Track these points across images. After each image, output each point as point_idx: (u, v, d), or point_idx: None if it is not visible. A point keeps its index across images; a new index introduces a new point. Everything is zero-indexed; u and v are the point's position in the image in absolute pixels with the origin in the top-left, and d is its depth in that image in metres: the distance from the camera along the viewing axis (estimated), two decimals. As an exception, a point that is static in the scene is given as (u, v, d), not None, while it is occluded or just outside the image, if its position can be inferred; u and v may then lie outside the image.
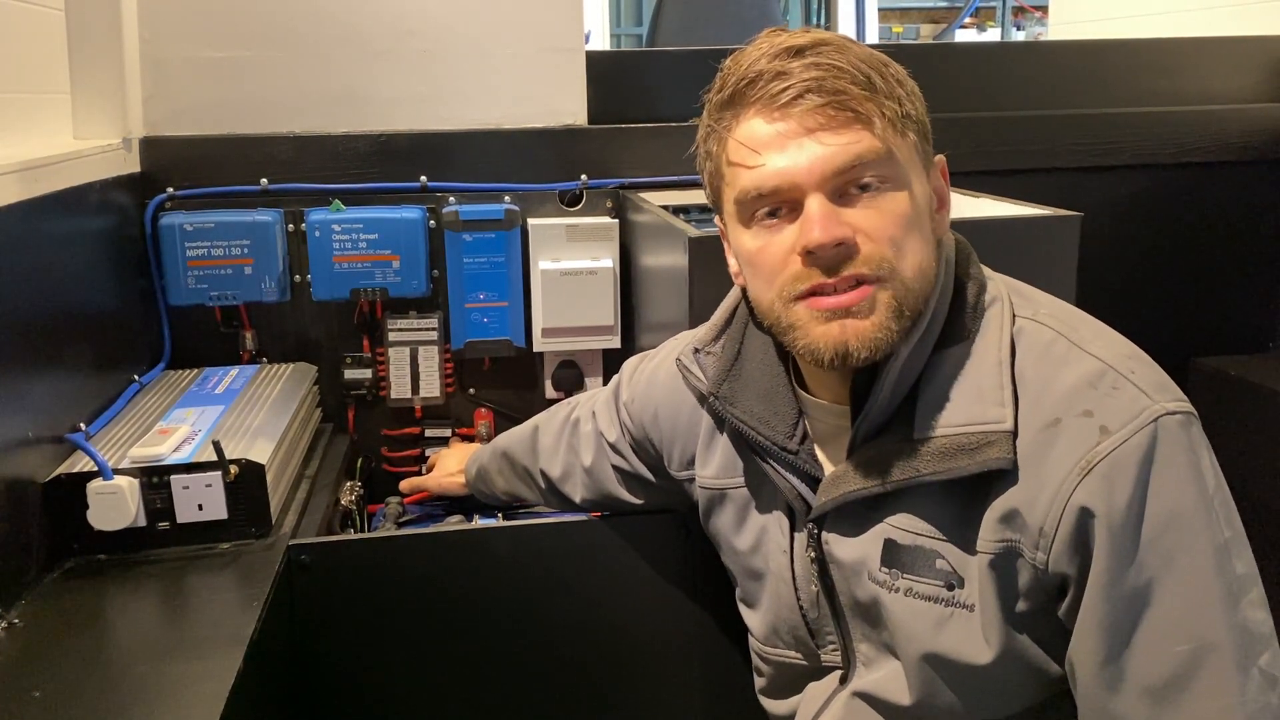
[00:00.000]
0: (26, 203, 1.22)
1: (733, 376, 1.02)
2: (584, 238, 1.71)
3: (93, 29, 1.54)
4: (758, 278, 0.91)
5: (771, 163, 0.85)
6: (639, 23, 5.93)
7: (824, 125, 0.84)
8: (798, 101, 0.84)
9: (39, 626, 1.08)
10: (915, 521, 0.88)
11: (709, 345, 1.06)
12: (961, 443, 0.84)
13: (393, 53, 1.71)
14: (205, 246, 1.63)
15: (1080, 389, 0.82)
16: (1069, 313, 0.91)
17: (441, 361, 1.76)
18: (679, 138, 1.79)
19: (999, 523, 0.84)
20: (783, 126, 0.85)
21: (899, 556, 0.89)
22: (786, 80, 0.84)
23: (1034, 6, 7.64)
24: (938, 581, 0.88)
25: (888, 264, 0.84)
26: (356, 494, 1.59)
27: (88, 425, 1.31)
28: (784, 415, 0.98)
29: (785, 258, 0.87)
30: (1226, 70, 2.08)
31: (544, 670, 1.35)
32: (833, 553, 0.94)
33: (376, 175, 1.71)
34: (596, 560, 1.34)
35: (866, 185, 0.85)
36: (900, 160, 0.86)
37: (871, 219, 0.84)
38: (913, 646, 0.90)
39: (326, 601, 1.28)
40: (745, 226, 0.90)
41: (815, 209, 0.84)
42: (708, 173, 0.96)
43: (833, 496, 0.92)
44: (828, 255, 0.84)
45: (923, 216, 0.88)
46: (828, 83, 0.83)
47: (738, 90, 0.88)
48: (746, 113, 0.87)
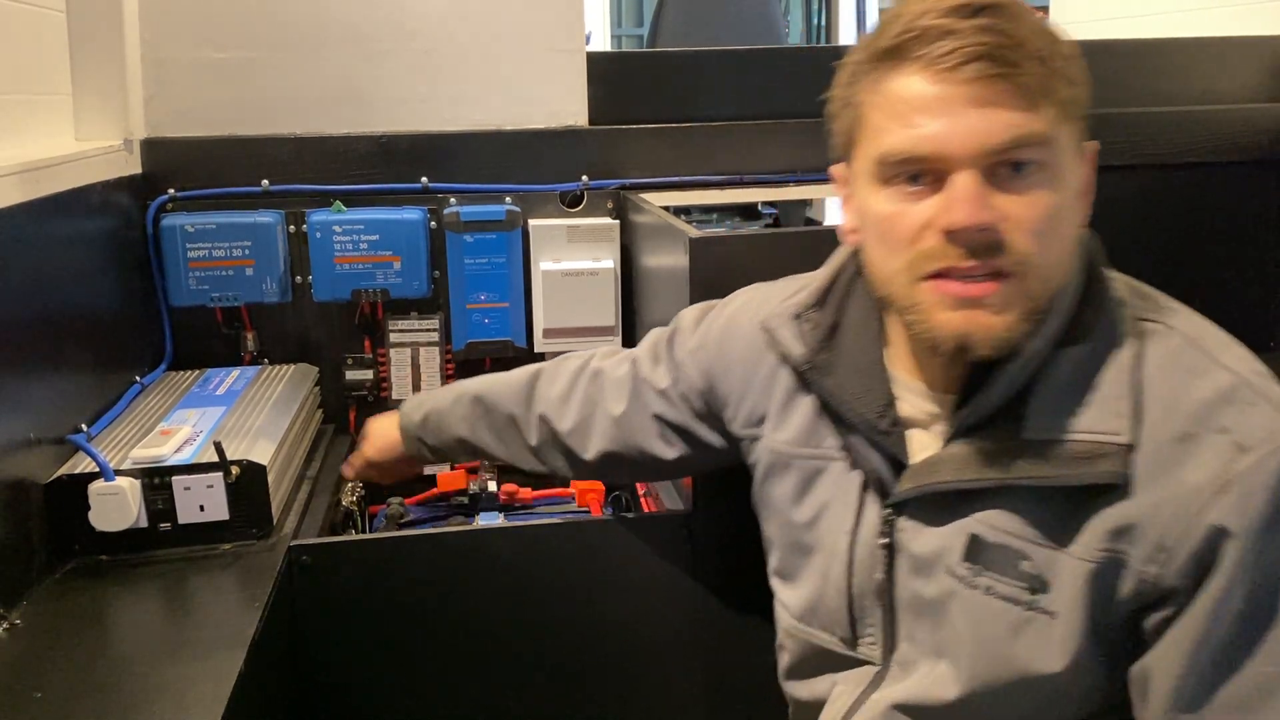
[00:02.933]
0: (28, 204, 1.22)
1: (829, 347, 0.97)
2: (585, 238, 1.71)
3: (94, 30, 1.54)
4: (883, 245, 0.85)
5: (926, 127, 0.79)
6: (640, 24, 5.93)
7: (989, 98, 0.77)
8: (965, 67, 0.77)
9: (40, 627, 1.08)
10: (1007, 520, 0.84)
11: (810, 312, 0.99)
12: (1075, 450, 0.81)
13: (394, 53, 1.71)
14: (206, 247, 1.64)
15: (1215, 404, 0.79)
16: (1195, 318, 0.87)
17: (443, 362, 1.76)
18: (680, 138, 1.81)
19: (1109, 534, 0.80)
20: (945, 91, 0.78)
21: (983, 553, 0.86)
22: (956, 41, 0.77)
23: (1034, 7, 7.66)
24: (1020, 583, 0.84)
25: (1029, 259, 0.79)
26: (357, 495, 1.58)
27: (89, 426, 1.31)
28: (877, 394, 0.93)
29: (920, 231, 0.81)
30: (1227, 70, 2.08)
31: (545, 671, 1.35)
32: (906, 541, 0.91)
33: (378, 176, 1.71)
34: (597, 561, 1.34)
35: (1021, 168, 0.79)
36: (1060, 147, 0.81)
37: (1021, 207, 0.79)
38: (979, 648, 0.87)
39: (328, 602, 1.28)
40: (880, 185, 0.84)
41: (964, 187, 0.78)
42: (845, 119, 0.88)
43: (921, 484, 0.88)
44: (969, 239, 0.78)
45: (1071, 209, 0.83)
46: (1001, 52, 0.77)
47: (901, 42, 0.80)
48: (907, 68, 0.80)
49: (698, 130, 1.79)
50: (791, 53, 2.34)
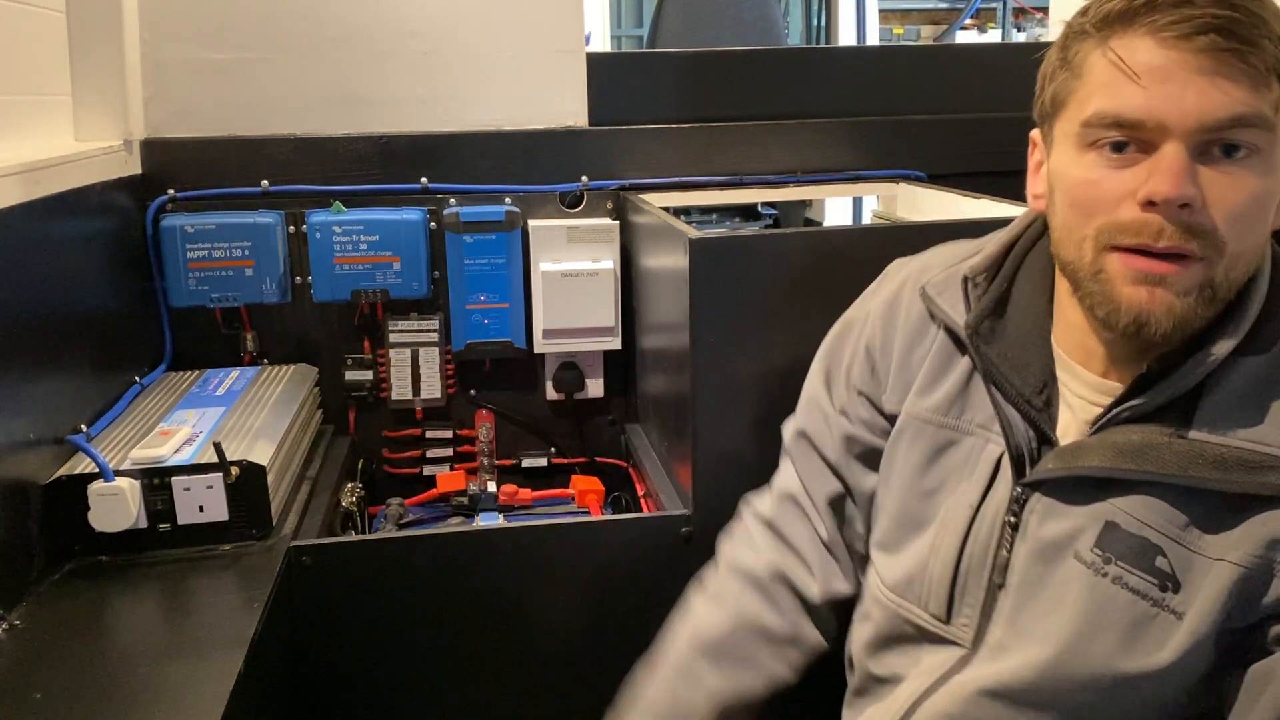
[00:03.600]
0: (28, 204, 1.22)
1: (995, 314, 0.94)
2: (585, 239, 1.72)
3: (94, 31, 1.54)
4: (1076, 209, 0.83)
5: (1146, 92, 0.77)
6: (640, 24, 5.93)
7: (1218, 70, 0.75)
8: (1198, 37, 0.75)
9: (40, 628, 1.08)
10: (1149, 511, 0.83)
11: (980, 277, 0.97)
12: (1244, 457, 0.80)
13: (394, 54, 1.71)
14: (206, 248, 1.64)
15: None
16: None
17: (442, 363, 1.76)
18: (680, 139, 1.81)
19: (1266, 543, 0.79)
20: (1172, 57, 0.76)
21: (1118, 542, 0.84)
22: (1191, 9, 0.76)
23: (1034, 8, 7.63)
24: (1152, 579, 0.83)
25: (1220, 243, 0.77)
26: (357, 495, 1.59)
27: (89, 427, 1.31)
28: (1037, 369, 0.91)
29: (1118, 199, 0.79)
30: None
31: (544, 671, 1.35)
32: (1035, 521, 0.89)
33: (377, 177, 1.71)
34: (597, 561, 1.34)
35: (1232, 150, 0.77)
36: (1277, 137, 0.78)
37: (1224, 188, 0.77)
38: (1089, 637, 0.85)
39: (327, 603, 1.28)
40: (1082, 149, 0.82)
41: (1174, 158, 0.76)
42: (1057, 80, 0.86)
43: (1069, 466, 0.86)
44: (1168, 213, 0.77)
45: (1271, 205, 0.81)
46: (1237, 27, 0.75)
47: (1134, 5, 0.78)
48: (1135, 30, 0.78)
49: (698, 131, 1.79)
50: (791, 53, 2.34)
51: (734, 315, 1.29)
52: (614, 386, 1.82)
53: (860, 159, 1.82)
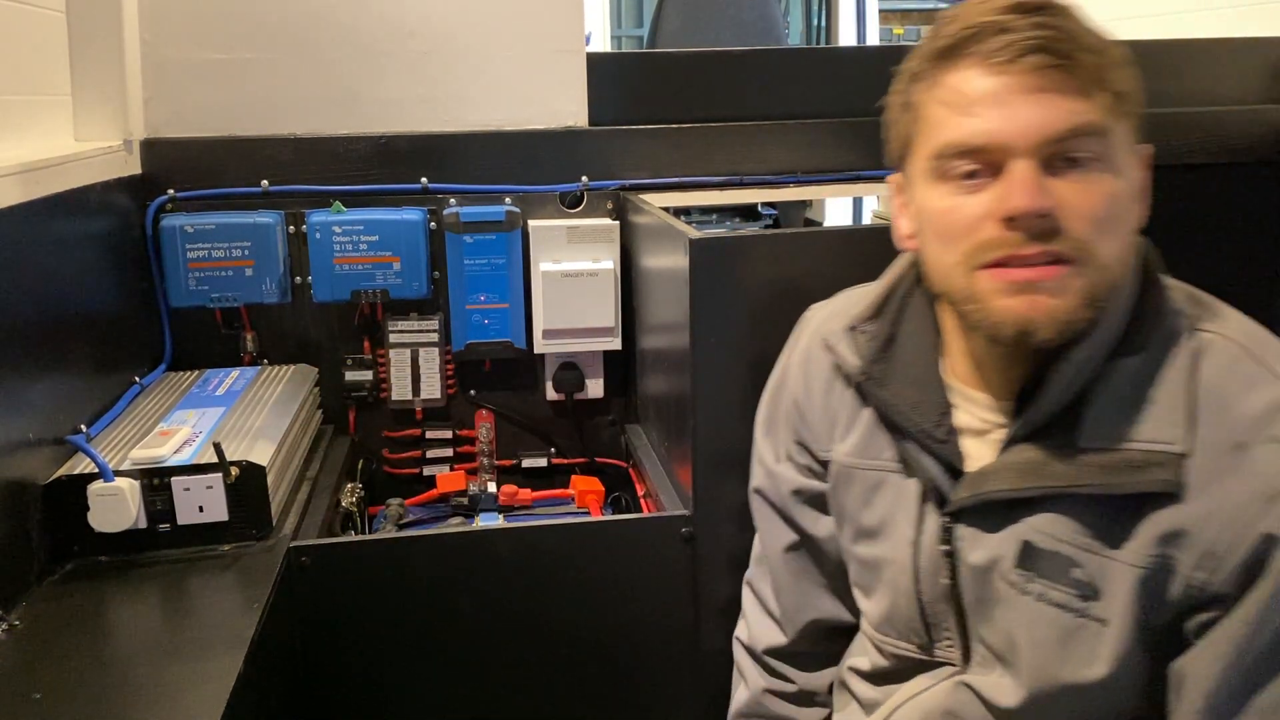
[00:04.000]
0: (27, 204, 1.22)
1: (885, 358, 0.97)
2: (585, 239, 1.71)
3: (93, 31, 1.54)
4: (941, 240, 0.86)
5: (985, 117, 0.80)
6: (640, 24, 5.92)
7: (1046, 87, 0.79)
8: (1022, 59, 0.79)
9: (39, 628, 1.08)
10: (1059, 527, 0.85)
11: (865, 324, 1.00)
12: (1130, 459, 0.81)
13: (394, 54, 1.71)
14: (206, 248, 1.64)
15: (1269, 413, 0.80)
16: (1254, 329, 0.87)
17: (442, 363, 1.76)
18: (680, 139, 1.81)
19: (1158, 539, 0.81)
20: (1003, 82, 0.80)
21: (1036, 560, 0.86)
22: (1012, 35, 0.80)
23: (1034, 8, 7.64)
24: (1072, 590, 0.85)
25: (1087, 246, 0.80)
26: (357, 495, 1.59)
27: (88, 427, 1.31)
28: (933, 403, 0.94)
29: (978, 222, 0.82)
30: (1227, 72, 2.08)
31: (545, 671, 1.35)
32: (964, 549, 0.91)
33: (377, 177, 1.71)
34: (597, 561, 1.34)
35: (1077, 160, 0.80)
36: (1116, 141, 0.82)
37: (1078, 195, 0.80)
38: (1033, 653, 0.88)
39: (327, 603, 1.28)
40: (937, 182, 0.85)
41: (1022, 173, 0.79)
42: (902, 123, 0.90)
43: (977, 493, 0.88)
44: (1028, 225, 0.79)
45: (1128, 205, 0.84)
46: (1057, 44, 0.79)
47: (958, 41, 0.82)
48: (963, 63, 0.82)
49: (698, 131, 1.79)
50: (791, 53, 2.34)
51: (734, 315, 1.29)
52: (614, 387, 1.82)
53: (860, 159, 1.81)
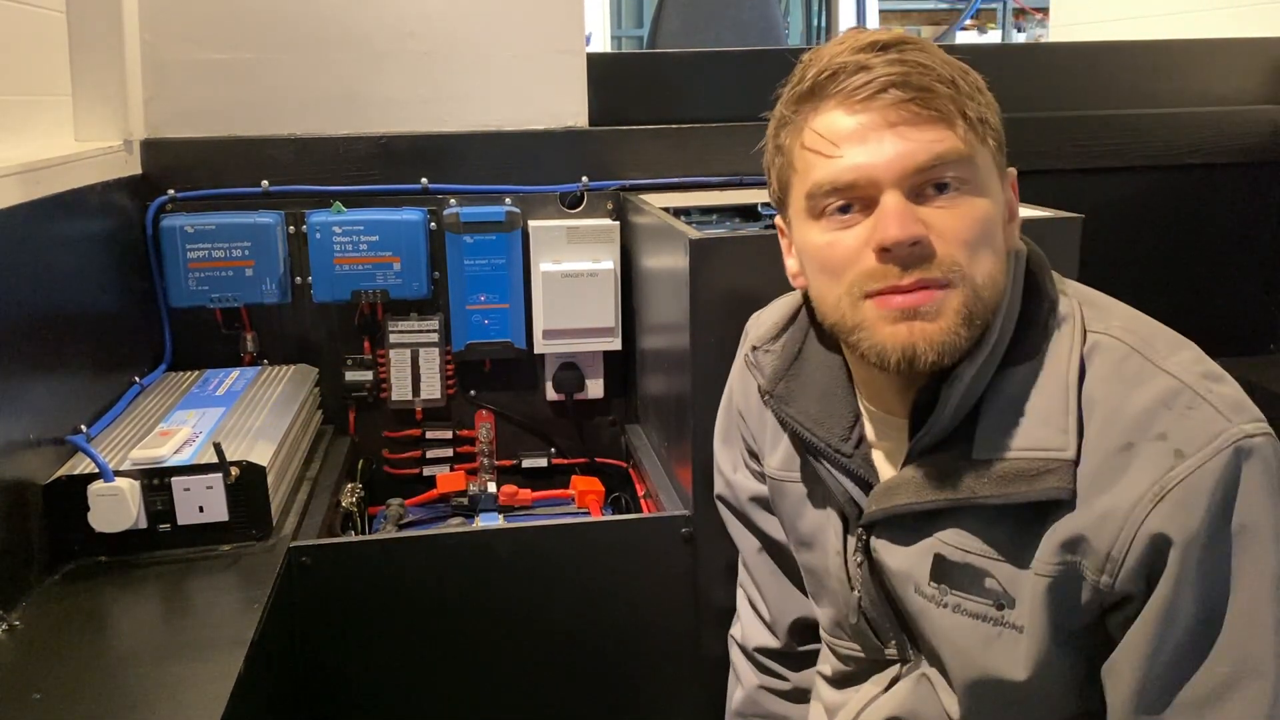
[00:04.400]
0: (28, 205, 1.22)
1: (790, 376, 0.99)
2: (585, 240, 1.72)
3: (94, 31, 1.54)
4: (824, 274, 0.88)
5: (850, 156, 0.83)
6: (640, 24, 5.93)
7: (907, 120, 0.82)
8: (881, 95, 0.82)
9: (40, 628, 1.08)
10: (967, 539, 0.86)
11: (767, 344, 1.04)
12: (1021, 468, 0.83)
13: (394, 55, 1.71)
14: (206, 248, 1.64)
15: (1154, 410, 0.80)
16: (1144, 324, 0.88)
17: (442, 363, 1.76)
18: (680, 140, 1.81)
19: (1060, 547, 0.82)
20: (864, 119, 0.83)
21: (948, 573, 0.88)
22: (870, 74, 0.82)
23: (1034, 8, 7.64)
24: (986, 600, 0.86)
25: (959, 268, 0.82)
26: (357, 496, 1.59)
27: (89, 427, 1.31)
28: (840, 417, 0.95)
29: (856, 254, 0.84)
30: (1227, 72, 2.08)
31: (544, 671, 1.35)
32: (883, 560, 0.93)
33: (377, 177, 1.71)
34: (597, 561, 1.34)
35: (944, 186, 0.83)
36: (979, 165, 0.84)
37: (947, 220, 0.82)
38: (958, 661, 0.89)
39: (327, 603, 1.28)
40: (814, 220, 0.87)
41: (892, 205, 0.82)
42: (777, 167, 0.93)
43: (883, 506, 0.90)
44: (903, 254, 0.81)
45: (997, 226, 0.86)
46: (913, 78, 0.82)
47: (818, 83, 0.85)
48: (826, 104, 0.85)
49: (698, 131, 1.79)
50: (791, 54, 2.34)
51: (734, 315, 1.29)
52: (614, 387, 1.82)
53: (860, 159, 1.81)
